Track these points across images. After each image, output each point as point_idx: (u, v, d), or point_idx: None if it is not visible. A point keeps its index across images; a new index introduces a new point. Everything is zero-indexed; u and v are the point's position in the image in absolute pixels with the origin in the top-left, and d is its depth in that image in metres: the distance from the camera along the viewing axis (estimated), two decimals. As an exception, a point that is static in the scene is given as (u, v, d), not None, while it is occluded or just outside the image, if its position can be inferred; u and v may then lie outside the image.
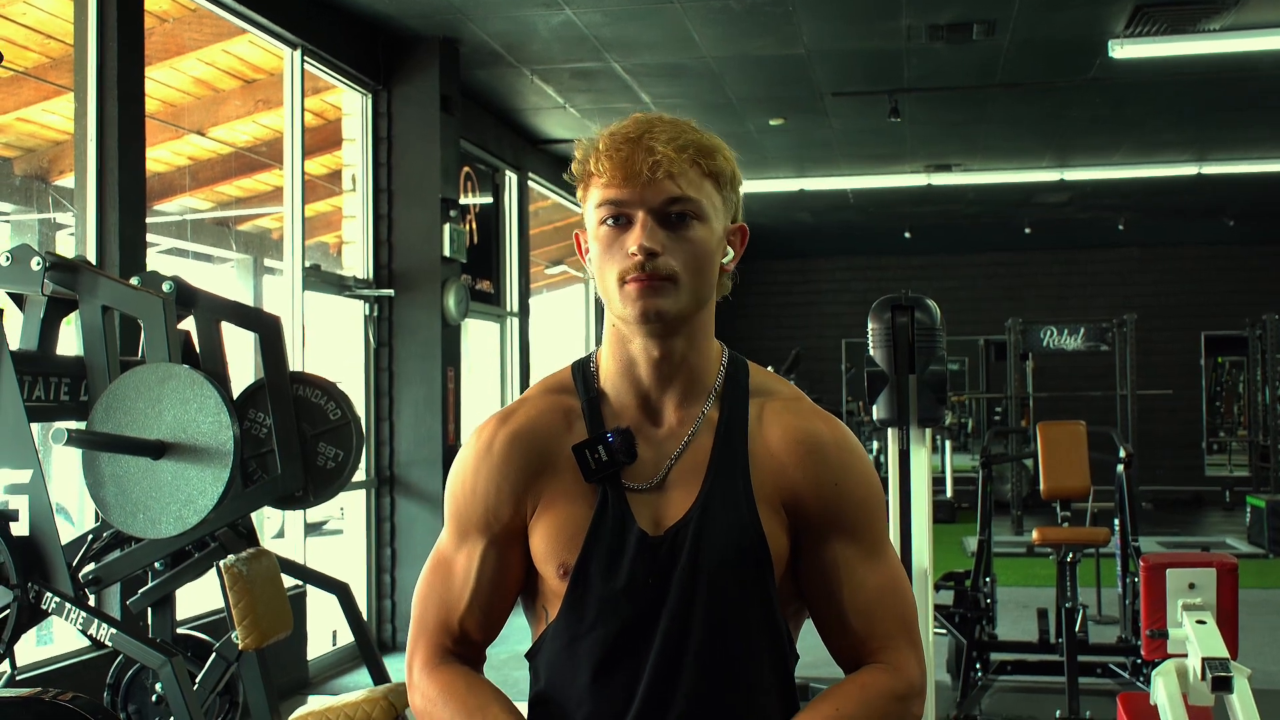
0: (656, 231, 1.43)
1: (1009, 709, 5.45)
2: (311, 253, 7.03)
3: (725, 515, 1.47)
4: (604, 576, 1.46)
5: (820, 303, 15.85)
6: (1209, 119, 9.55)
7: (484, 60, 7.50)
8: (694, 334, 1.50)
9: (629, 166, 1.43)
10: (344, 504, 7.40)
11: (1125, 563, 5.90)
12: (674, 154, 1.43)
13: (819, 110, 8.93)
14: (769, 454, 1.50)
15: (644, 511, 1.48)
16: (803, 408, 1.55)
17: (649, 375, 1.51)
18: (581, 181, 1.49)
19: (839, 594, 1.51)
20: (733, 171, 1.50)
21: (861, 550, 1.51)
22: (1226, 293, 14.97)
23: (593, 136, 1.48)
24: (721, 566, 1.46)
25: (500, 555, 1.52)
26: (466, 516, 1.54)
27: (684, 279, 1.44)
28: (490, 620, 1.55)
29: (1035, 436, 6.41)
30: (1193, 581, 3.21)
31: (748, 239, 1.56)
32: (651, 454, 1.50)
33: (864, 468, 1.54)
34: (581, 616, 1.47)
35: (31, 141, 6.26)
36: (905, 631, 1.52)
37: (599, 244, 1.47)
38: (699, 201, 1.45)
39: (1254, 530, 10.88)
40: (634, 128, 1.46)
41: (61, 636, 4.88)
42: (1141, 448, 11.74)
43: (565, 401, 1.55)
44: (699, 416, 1.51)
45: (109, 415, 3.36)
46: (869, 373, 3.44)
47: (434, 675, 1.51)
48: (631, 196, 1.44)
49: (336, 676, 6.47)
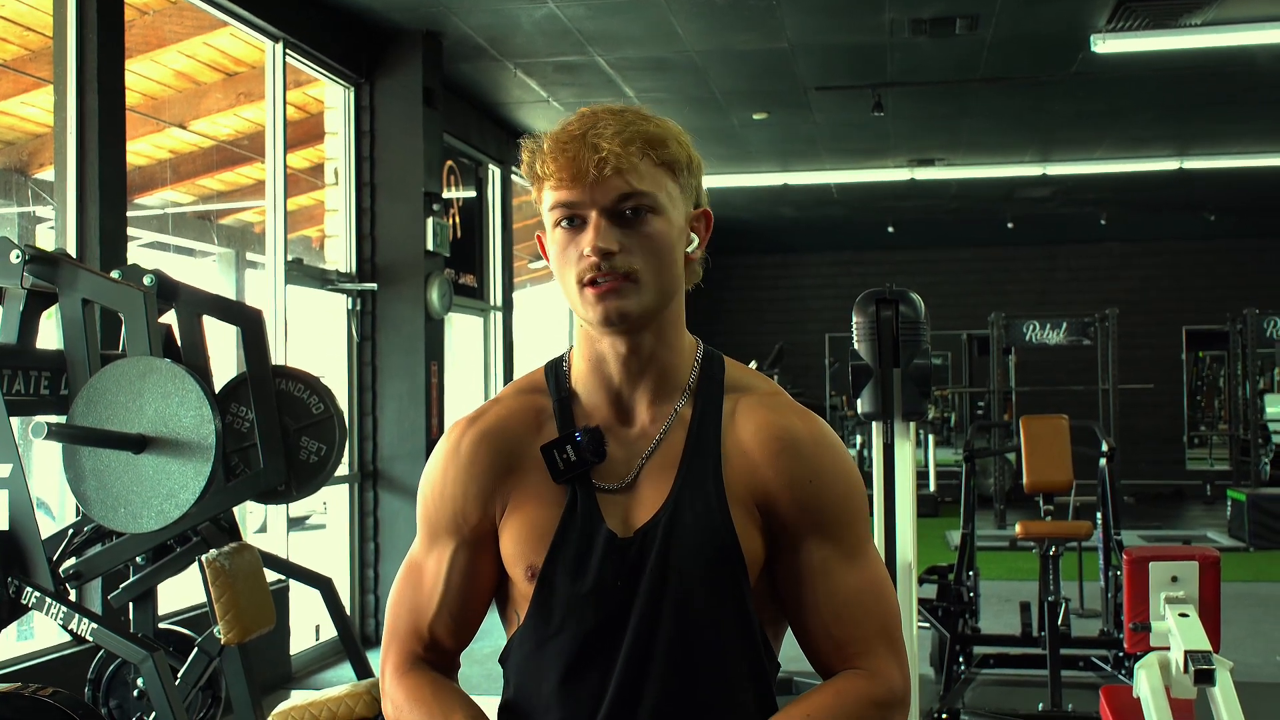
0: (610, 230, 1.38)
1: (992, 702, 5.46)
2: (294, 246, 7.00)
3: (696, 515, 1.42)
4: (571, 578, 1.42)
5: (803, 297, 15.86)
6: (1191, 114, 9.59)
7: (467, 53, 7.48)
8: (663, 329, 1.45)
9: (576, 166, 1.37)
10: (327, 499, 7.39)
11: (1108, 556, 5.93)
12: (620, 149, 1.37)
13: (802, 104, 8.94)
14: (742, 451, 1.45)
15: (614, 512, 1.44)
16: (779, 403, 1.49)
17: (618, 372, 1.46)
18: (533, 183, 1.44)
19: (815, 597, 1.45)
20: (688, 157, 1.44)
21: (839, 551, 1.45)
22: (1207, 287, 15.05)
23: (538, 137, 1.43)
24: (691, 568, 1.41)
25: (470, 558, 1.49)
26: (436, 519, 1.50)
27: (644, 276, 1.39)
28: (461, 625, 1.51)
29: (1018, 431, 6.42)
30: (1175, 575, 3.22)
31: (712, 224, 1.50)
32: (623, 453, 1.46)
33: (842, 465, 1.48)
34: (549, 620, 1.44)
35: (10, 134, 6.21)
36: (886, 637, 1.46)
37: (555, 246, 1.43)
38: (652, 194, 1.40)
39: (1234, 524, 10.95)
40: (578, 125, 1.40)
41: (42, 632, 4.86)
42: (1123, 442, 11.78)
43: (537, 401, 1.51)
44: (671, 414, 1.46)
45: (90, 409, 3.34)
46: (853, 366, 3.44)
47: (403, 682, 1.48)
48: (582, 197, 1.38)
49: (319, 671, 6.46)
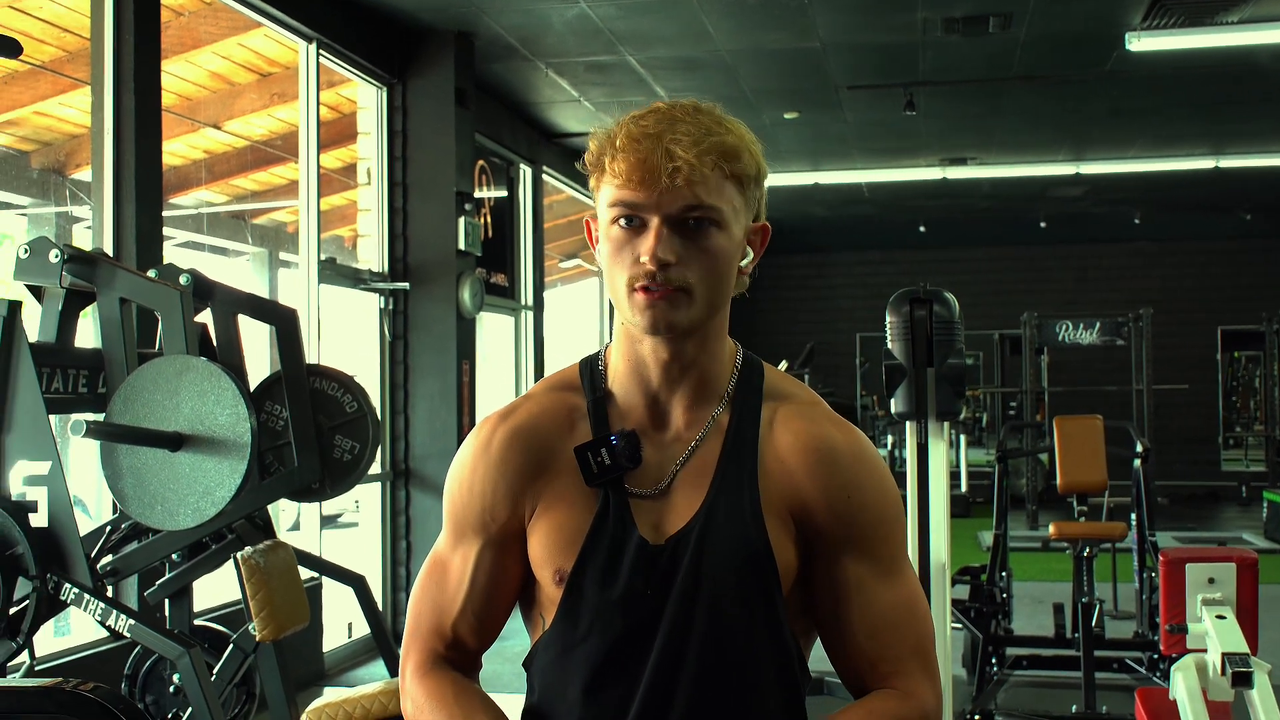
0: (671, 240, 1.33)
1: (1025, 704, 5.43)
2: (327, 246, 7.04)
3: (730, 525, 1.39)
4: (600, 585, 1.39)
5: (834, 297, 15.82)
6: (1226, 112, 9.50)
7: (499, 53, 7.50)
8: (706, 337, 1.42)
9: (646, 168, 1.32)
10: (359, 497, 7.42)
11: (1142, 557, 5.88)
12: (695, 160, 1.31)
13: (833, 103, 8.91)
14: (779, 461, 1.42)
15: (646, 519, 1.40)
16: (818, 413, 1.45)
17: (658, 377, 1.42)
18: (594, 172, 1.39)
19: (848, 612, 1.41)
20: (758, 168, 1.39)
21: (875, 567, 1.42)
22: (1243, 287, 14.91)
23: (609, 127, 1.37)
24: (723, 578, 1.38)
25: (497, 558, 1.46)
26: (463, 517, 1.47)
27: (698, 290, 1.35)
28: (485, 625, 1.48)
29: (1051, 431, 6.39)
30: (1212, 576, 3.19)
31: (769, 238, 1.45)
32: (657, 458, 1.42)
33: (880, 479, 1.44)
34: (575, 626, 1.40)
35: (48, 135, 6.28)
36: (919, 656, 1.43)
37: (610, 244, 1.37)
38: (719, 209, 1.35)
39: (1270, 526, 10.84)
40: (653, 123, 1.34)
41: (79, 628, 4.90)
42: (1157, 443, 11.68)
43: (570, 400, 1.47)
44: (708, 420, 1.43)
45: (127, 407, 3.37)
46: (887, 366, 3.42)
47: (424, 682, 1.46)
48: (647, 200, 1.33)
49: (352, 669, 6.49)
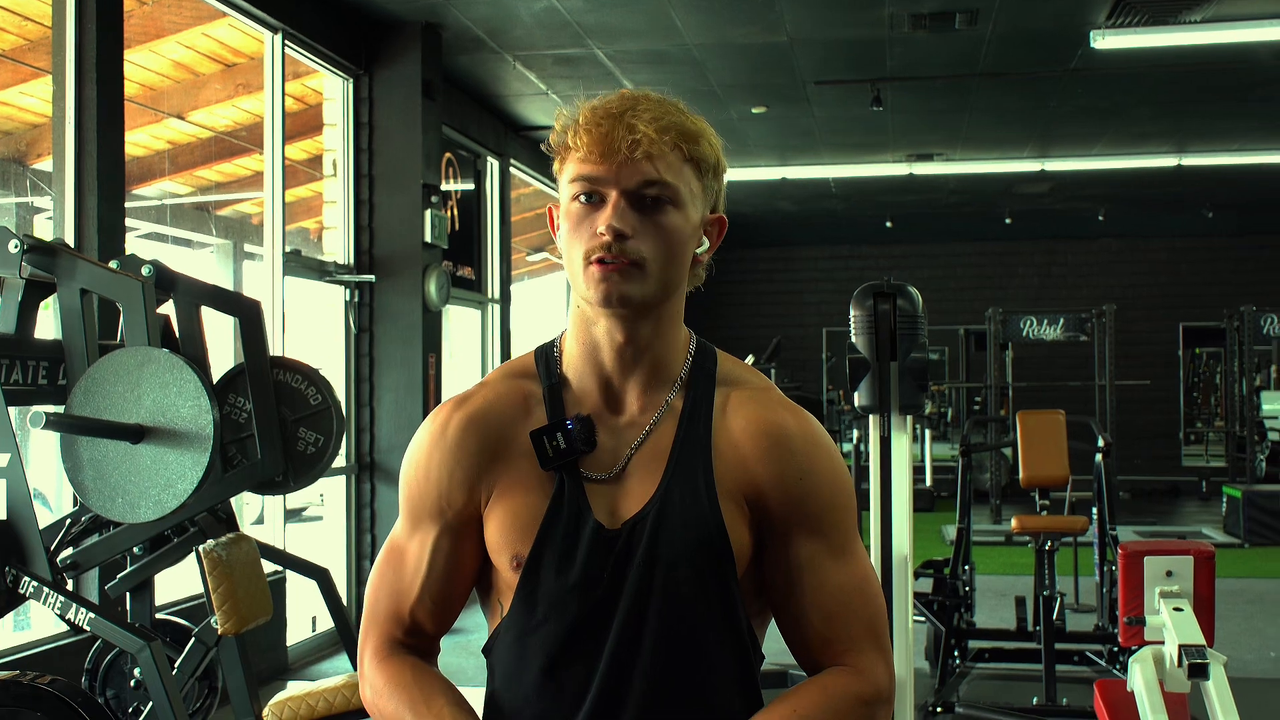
0: (628, 214, 1.37)
1: (987, 696, 5.47)
2: (292, 238, 6.99)
3: (685, 509, 1.41)
4: (557, 570, 1.41)
5: (801, 291, 15.86)
6: (1190, 110, 9.59)
7: (466, 46, 7.47)
8: (661, 321, 1.44)
9: (607, 143, 1.36)
10: (324, 490, 7.39)
11: (1103, 551, 5.94)
12: (655, 135, 1.36)
13: (801, 98, 8.94)
14: (733, 446, 1.44)
15: (601, 503, 1.42)
16: (770, 398, 1.48)
17: (612, 360, 1.44)
18: (558, 154, 1.43)
19: (801, 594, 1.44)
20: (716, 159, 1.44)
21: (827, 548, 1.44)
22: (1205, 284, 15.05)
23: (575, 108, 1.42)
24: (679, 562, 1.40)
25: (454, 544, 1.47)
26: (419, 503, 1.48)
27: (652, 266, 1.38)
28: (443, 610, 1.49)
29: (1014, 426, 6.43)
30: (1170, 569, 3.22)
31: (725, 231, 1.49)
32: (612, 443, 1.44)
33: (831, 463, 1.47)
34: (533, 611, 1.42)
35: (9, 124, 6.20)
36: (872, 635, 1.46)
37: (569, 220, 1.41)
38: (676, 187, 1.39)
39: (1230, 520, 10.98)
40: (618, 103, 1.39)
41: (39, 622, 4.86)
42: (1119, 438, 11.80)
43: (526, 386, 1.48)
44: (662, 405, 1.45)
45: (88, 399, 3.34)
46: (850, 359, 3.44)
47: (382, 667, 1.47)
48: (606, 174, 1.38)
49: (316, 662, 6.46)
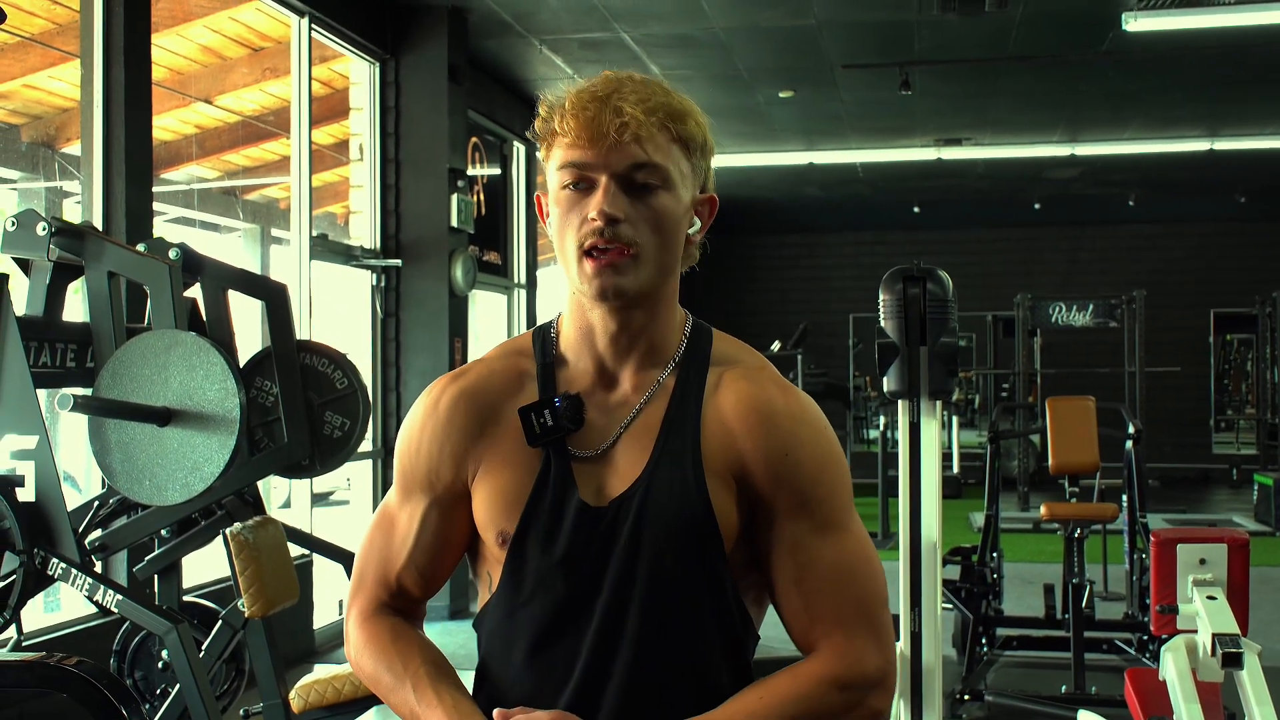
0: (619, 198, 1.36)
1: (1015, 684, 5.44)
2: (319, 222, 7.00)
3: (671, 488, 1.40)
4: (542, 547, 1.41)
5: (828, 277, 15.79)
6: (1222, 94, 9.48)
7: (492, 30, 7.45)
8: (655, 306, 1.44)
9: (594, 127, 1.35)
10: (350, 474, 7.41)
11: (1133, 539, 5.89)
12: (643, 116, 1.35)
13: (829, 82, 8.87)
14: (720, 423, 1.42)
15: (588, 481, 1.42)
16: (762, 376, 1.46)
17: (606, 345, 1.44)
18: (544, 140, 1.41)
19: (788, 572, 1.42)
20: (704, 138, 1.42)
21: (813, 526, 1.42)
22: (1236, 270, 14.91)
23: (559, 93, 1.40)
24: (664, 540, 1.39)
25: (442, 516, 1.48)
26: (411, 474, 1.49)
27: (645, 251, 1.37)
28: (429, 578, 1.51)
29: (1043, 412, 6.38)
30: (1204, 557, 3.19)
31: (716, 210, 1.48)
32: (601, 421, 1.44)
33: (819, 438, 1.44)
34: (520, 588, 1.42)
35: (38, 108, 6.23)
36: (863, 616, 1.42)
37: (559, 208, 1.40)
38: (666, 168, 1.37)
39: (1261, 508, 10.88)
40: (603, 86, 1.38)
41: (69, 604, 4.89)
42: (1149, 425, 11.66)
43: (521, 364, 1.49)
44: (655, 384, 1.44)
45: (115, 382, 3.34)
46: (879, 344, 3.40)
47: (364, 626, 1.50)
48: (595, 159, 1.36)
49: (342, 645, 6.48)
